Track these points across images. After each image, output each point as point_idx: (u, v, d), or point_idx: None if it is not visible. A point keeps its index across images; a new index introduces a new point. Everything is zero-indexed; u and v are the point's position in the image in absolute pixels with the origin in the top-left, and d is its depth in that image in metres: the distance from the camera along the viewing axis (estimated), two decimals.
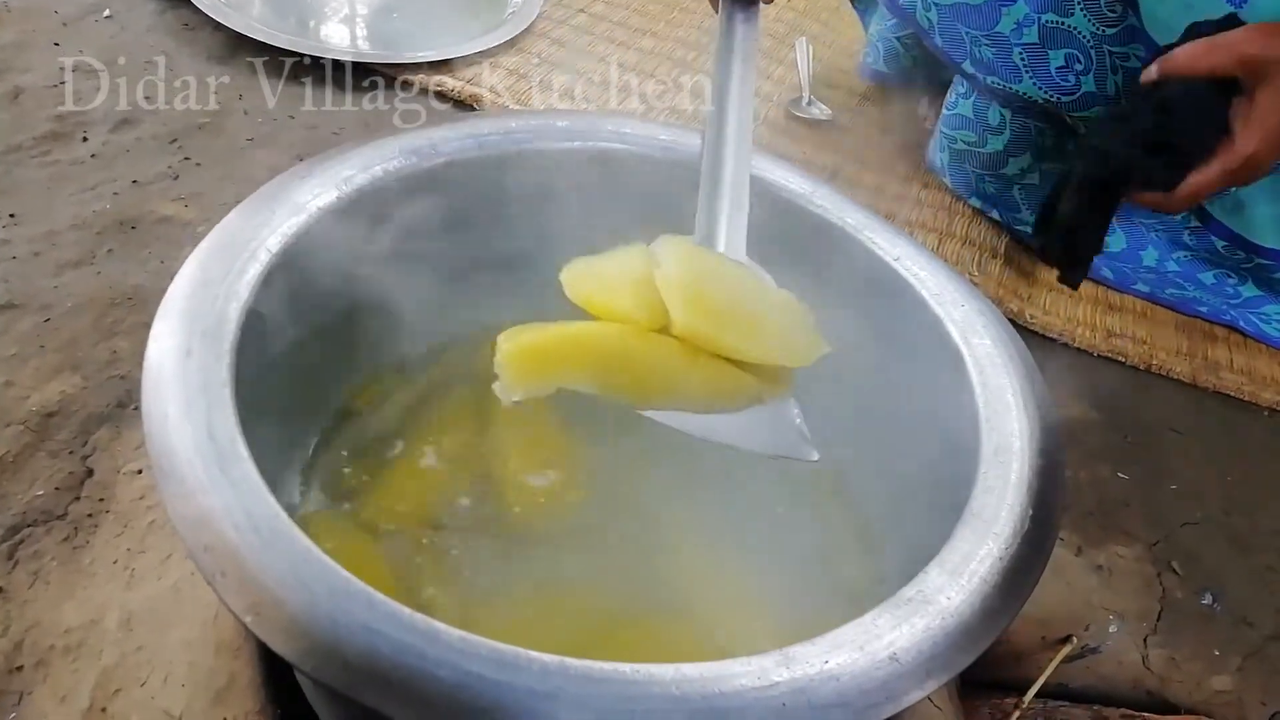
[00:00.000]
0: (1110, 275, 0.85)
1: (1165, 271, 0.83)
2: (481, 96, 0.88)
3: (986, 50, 0.77)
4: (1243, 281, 0.81)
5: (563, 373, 0.38)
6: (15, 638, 0.45)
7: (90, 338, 0.59)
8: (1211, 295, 0.83)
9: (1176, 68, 0.57)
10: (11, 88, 0.77)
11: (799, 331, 0.42)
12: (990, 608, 0.33)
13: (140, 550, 0.50)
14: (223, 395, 0.34)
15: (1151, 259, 0.83)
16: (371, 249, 0.48)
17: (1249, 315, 0.82)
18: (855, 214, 0.51)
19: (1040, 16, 0.73)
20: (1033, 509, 0.36)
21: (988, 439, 0.39)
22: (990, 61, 0.77)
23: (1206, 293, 0.83)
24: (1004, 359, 0.43)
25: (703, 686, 0.28)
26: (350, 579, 0.29)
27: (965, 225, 0.86)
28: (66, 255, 0.65)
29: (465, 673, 0.28)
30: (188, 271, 0.38)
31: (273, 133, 0.80)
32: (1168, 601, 0.60)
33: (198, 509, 0.30)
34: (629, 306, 0.40)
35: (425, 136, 0.49)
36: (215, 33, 0.88)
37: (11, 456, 0.52)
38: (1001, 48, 0.76)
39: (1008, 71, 0.77)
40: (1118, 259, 0.85)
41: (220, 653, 0.45)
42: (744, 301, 0.42)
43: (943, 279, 0.47)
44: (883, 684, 0.29)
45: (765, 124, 0.94)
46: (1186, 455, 0.71)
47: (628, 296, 0.40)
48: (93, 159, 0.73)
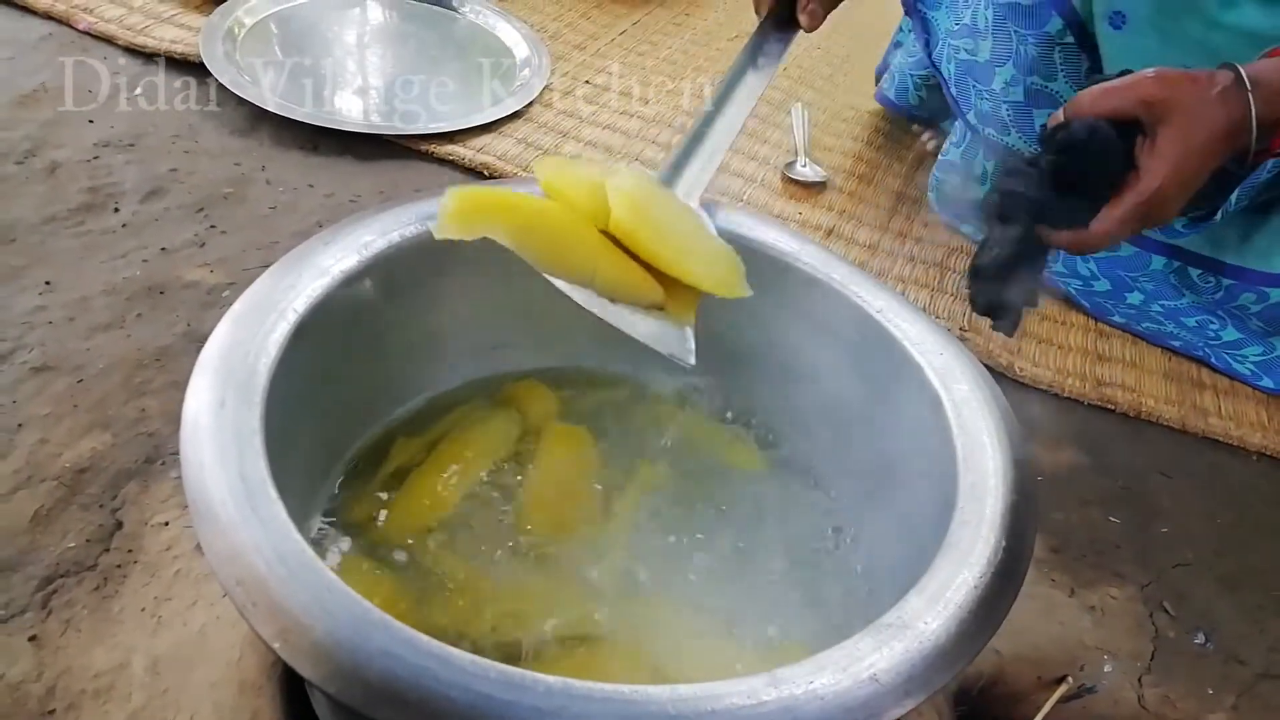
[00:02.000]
0: (1089, 306, 0.89)
1: (1148, 311, 0.87)
2: (491, 164, 0.92)
3: (985, 104, 0.85)
4: (1224, 326, 0.84)
5: (491, 224, 0.42)
6: (48, 682, 0.48)
7: (120, 397, 0.63)
8: (1190, 334, 0.86)
9: (1080, 110, 0.60)
10: (48, 162, 0.81)
11: (721, 266, 0.46)
12: (965, 632, 0.35)
13: (167, 598, 0.52)
14: (254, 443, 0.37)
15: (1136, 300, 0.87)
16: (391, 307, 0.51)
17: (1222, 354, 0.85)
18: (840, 269, 0.54)
19: (1026, 79, 0.81)
20: (1006, 541, 0.38)
21: (964, 476, 0.42)
22: (987, 114, 0.85)
23: (1186, 330, 0.86)
24: (980, 402, 0.46)
25: (696, 705, 0.31)
26: (370, 607, 0.32)
27: (956, 282, 0.89)
28: (98, 319, 0.68)
29: (476, 693, 0.30)
30: (222, 330, 0.41)
31: (293, 201, 0.84)
32: (1160, 641, 0.62)
33: (231, 545, 0.33)
34: (575, 195, 0.45)
35: (439, 203, 0.52)
36: (239, 107, 0.93)
37: (45, 510, 0.55)
38: (995, 103, 0.84)
39: (999, 125, 0.84)
40: (1100, 296, 0.89)
41: (244, 692, 0.47)
42: (677, 225, 0.47)
43: (923, 329, 0.50)
44: (864, 703, 0.32)
45: (762, 186, 0.99)
46: (1176, 499, 0.73)
47: (578, 187, 0.45)
48: (123, 228, 0.77)
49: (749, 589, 0.50)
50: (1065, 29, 0.78)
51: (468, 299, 0.56)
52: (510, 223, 0.42)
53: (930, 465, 0.44)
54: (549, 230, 0.44)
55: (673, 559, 0.51)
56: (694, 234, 0.47)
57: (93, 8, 1.01)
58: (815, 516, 0.54)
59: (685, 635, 0.47)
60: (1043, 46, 0.80)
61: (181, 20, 1.03)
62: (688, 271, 0.45)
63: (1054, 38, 0.79)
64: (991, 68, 0.83)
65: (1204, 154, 0.60)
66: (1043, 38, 0.79)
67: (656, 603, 0.49)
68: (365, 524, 0.51)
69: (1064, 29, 0.78)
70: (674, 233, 0.46)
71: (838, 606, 0.41)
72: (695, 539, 0.53)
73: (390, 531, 0.51)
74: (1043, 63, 0.80)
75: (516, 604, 0.48)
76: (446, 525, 0.52)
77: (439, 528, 0.51)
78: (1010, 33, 0.81)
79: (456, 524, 0.52)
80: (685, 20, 1.32)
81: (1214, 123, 0.60)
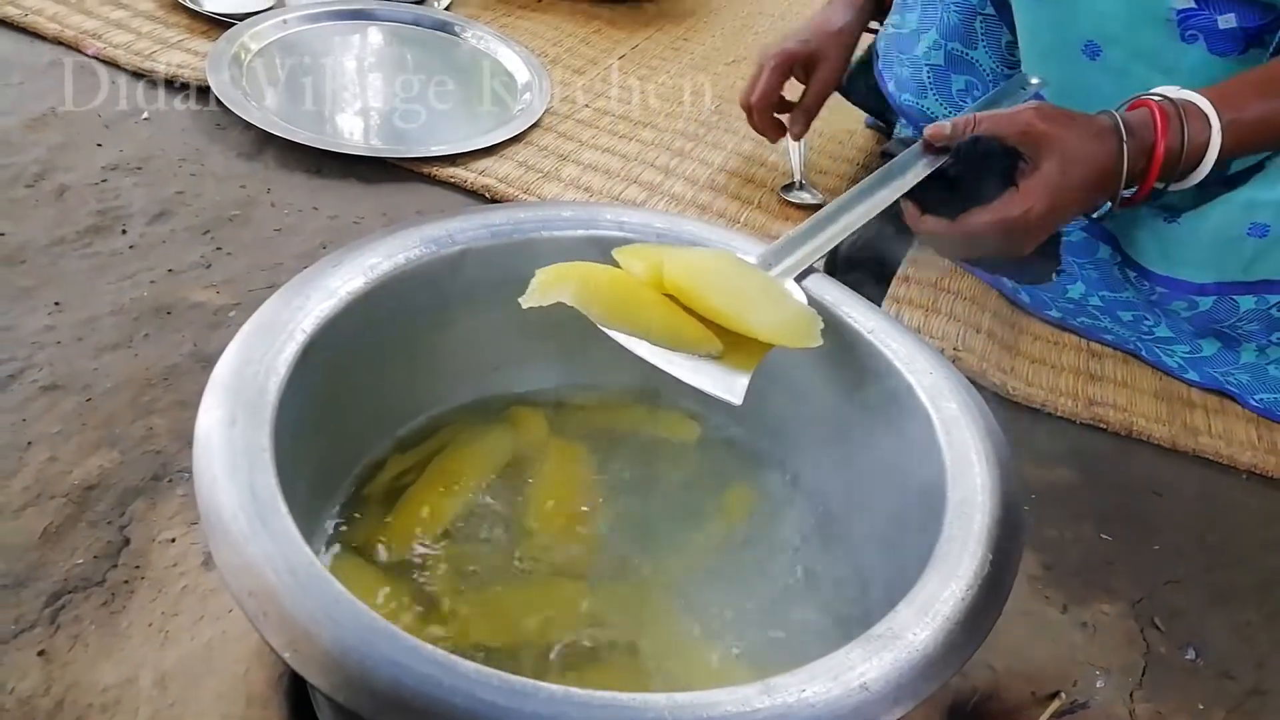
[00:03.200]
0: (1027, 300, 0.91)
1: (1086, 304, 0.88)
2: (492, 187, 0.93)
3: (905, 69, 0.90)
4: (1157, 323, 0.86)
5: (562, 289, 0.47)
6: (56, 697, 0.48)
7: (128, 415, 0.64)
8: (1124, 328, 0.88)
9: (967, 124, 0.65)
10: (57, 185, 0.83)
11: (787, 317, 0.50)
12: (953, 643, 0.36)
13: (174, 613, 0.53)
14: (263, 459, 0.38)
15: (1077, 293, 0.88)
16: (396, 328, 0.52)
17: (1153, 348, 0.88)
18: (833, 291, 0.55)
19: (947, 44, 0.86)
20: (992, 555, 0.40)
21: (953, 492, 0.43)
22: (906, 80, 0.90)
23: (1120, 325, 0.88)
24: (968, 420, 0.47)
25: (693, 712, 0.32)
26: (376, 617, 0.33)
27: (950, 303, 0.91)
28: (106, 339, 0.69)
29: (479, 700, 0.31)
30: (233, 350, 0.43)
31: (298, 223, 0.85)
32: (1152, 657, 0.63)
33: (242, 558, 0.34)
34: (639, 264, 0.51)
35: (443, 227, 0.54)
36: (244, 131, 0.94)
37: (54, 527, 0.56)
38: (915, 67, 0.89)
39: (916, 88, 0.89)
40: (1040, 289, 0.91)
41: (251, 705, 0.48)
42: (739, 284, 0.51)
43: (913, 349, 0.51)
44: (855, 710, 0.33)
45: (759, 209, 1.00)
46: (1167, 516, 0.74)
47: (645, 259, 0.51)
48: (131, 250, 0.78)
49: (743, 599, 0.51)
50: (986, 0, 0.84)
51: (469, 321, 0.57)
52: (575, 286, 0.47)
53: (920, 481, 0.46)
54: (608, 290, 0.49)
55: (667, 571, 0.53)
56: (761, 292, 0.51)
57: (101, 33, 1.03)
58: (806, 530, 0.55)
59: (681, 642, 0.48)
60: (965, 15, 0.85)
61: (188, 45, 1.05)
62: (745, 323, 0.49)
63: (975, 7, 0.84)
64: (917, 35, 0.88)
65: (1079, 190, 0.65)
66: (965, 6, 0.85)
67: (653, 610, 0.50)
68: (367, 539, 0.52)
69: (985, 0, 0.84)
70: (733, 290, 0.50)
71: (831, 618, 0.43)
72: (691, 551, 0.54)
73: (390, 546, 0.52)
74: (964, 30, 0.85)
75: (515, 617, 0.49)
76: (444, 540, 0.53)
77: (437, 543, 0.53)
78: (936, 3, 0.87)
79: (454, 539, 0.53)
80: (684, 45, 1.35)
81: (1092, 163, 0.64)
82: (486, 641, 0.47)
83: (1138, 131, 0.66)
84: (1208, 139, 0.66)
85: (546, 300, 0.46)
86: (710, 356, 0.48)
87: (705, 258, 0.52)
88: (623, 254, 0.52)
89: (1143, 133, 0.66)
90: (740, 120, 1.15)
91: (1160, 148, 0.65)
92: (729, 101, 1.21)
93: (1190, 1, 0.70)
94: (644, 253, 0.52)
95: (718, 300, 0.49)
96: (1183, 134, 0.65)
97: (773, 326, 0.49)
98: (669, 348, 0.48)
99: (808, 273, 0.56)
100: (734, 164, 1.07)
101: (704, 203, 0.99)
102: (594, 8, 1.38)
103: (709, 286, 0.49)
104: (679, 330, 0.48)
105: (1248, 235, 0.74)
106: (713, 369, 0.48)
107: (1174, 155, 0.66)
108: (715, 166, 1.06)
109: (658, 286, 0.50)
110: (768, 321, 0.49)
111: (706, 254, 0.52)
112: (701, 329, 0.49)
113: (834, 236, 0.58)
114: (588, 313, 0.47)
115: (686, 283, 0.49)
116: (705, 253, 0.53)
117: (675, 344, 0.48)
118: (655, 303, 0.49)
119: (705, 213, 0.98)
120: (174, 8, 1.11)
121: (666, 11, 1.43)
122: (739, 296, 0.50)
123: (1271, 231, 0.73)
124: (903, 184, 0.63)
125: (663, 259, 0.50)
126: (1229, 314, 0.80)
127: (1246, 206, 0.73)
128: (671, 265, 0.49)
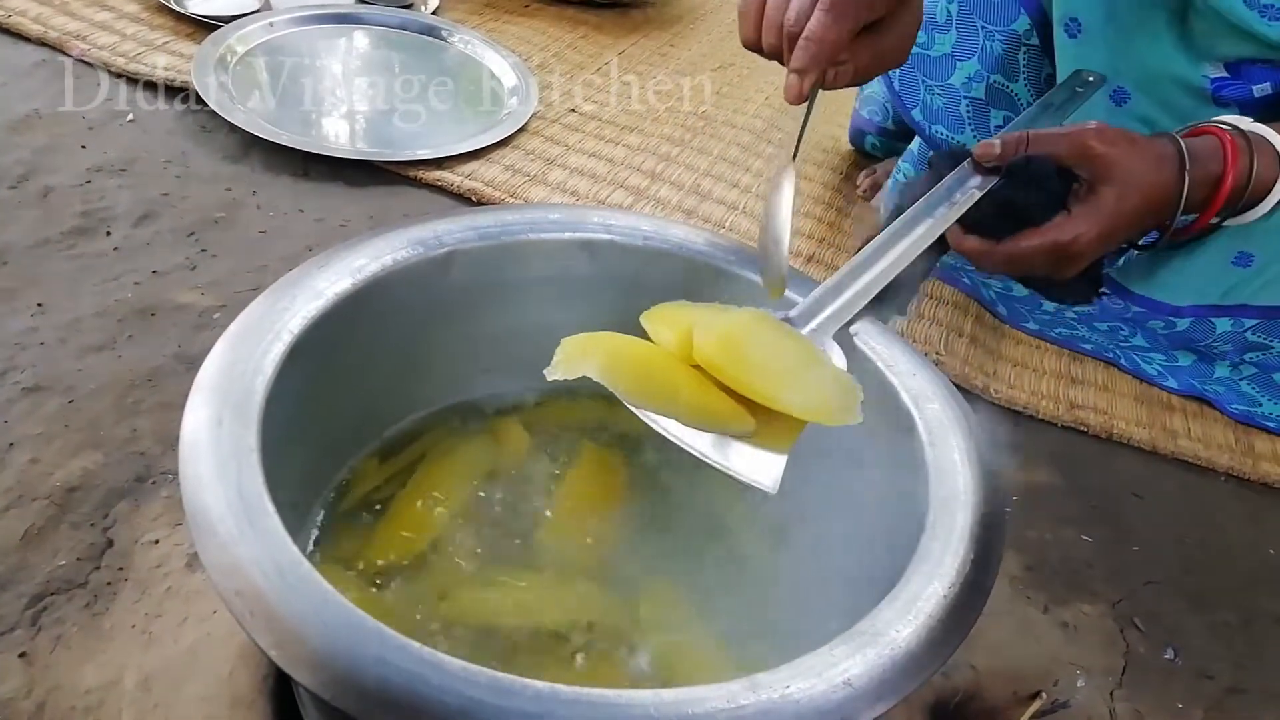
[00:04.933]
0: (1005, 312, 0.91)
1: (1062, 315, 0.89)
2: (479, 190, 0.94)
3: (938, 99, 0.85)
4: (1134, 334, 0.87)
5: (588, 366, 0.44)
6: (38, 699, 0.48)
7: (111, 417, 0.63)
8: (1101, 337, 0.88)
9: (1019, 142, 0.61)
10: (41, 187, 0.83)
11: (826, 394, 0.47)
12: (935, 640, 0.36)
13: (157, 615, 0.53)
14: (250, 459, 0.38)
15: (1052, 305, 0.88)
16: (382, 329, 0.52)
17: (1131, 355, 0.88)
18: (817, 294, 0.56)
19: (990, 76, 0.81)
20: (974, 554, 0.40)
21: (935, 492, 0.43)
22: (939, 111, 0.85)
23: (1098, 334, 0.88)
24: (951, 422, 0.47)
25: (678, 709, 0.32)
26: (364, 616, 0.33)
27: (933, 308, 0.91)
28: (90, 341, 0.69)
29: (467, 698, 0.31)
30: (219, 350, 0.43)
31: (284, 225, 0.85)
32: (1131, 657, 0.63)
33: (230, 558, 0.34)
34: (669, 333, 0.48)
35: (430, 229, 0.54)
36: (230, 133, 0.94)
37: (36, 529, 0.56)
38: (951, 99, 0.84)
39: (952, 121, 0.84)
40: (1016, 302, 0.91)
41: (235, 707, 0.48)
42: (776, 357, 0.48)
43: (896, 352, 0.52)
44: (838, 706, 0.33)
45: (744, 214, 1.01)
46: (1147, 518, 0.75)
47: (675, 327, 0.48)
48: (115, 251, 0.78)
49: (734, 599, 0.51)
50: (1032, 30, 0.78)
51: (456, 325, 0.57)
52: (601, 360, 0.45)
53: (904, 481, 0.46)
54: (635, 366, 0.46)
55: (665, 571, 0.53)
56: (800, 365, 0.48)
57: (86, 35, 1.03)
58: (789, 529, 0.55)
59: (676, 641, 0.49)
60: (1009, 45, 0.80)
61: (174, 48, 1.05)
62: (781, 401, 0.46)
63: (1020, 37, 0.79)
64: (953, 61, 0.83)
65: (1134, 218, 0.61)
66: (1010, 36, 0.79)
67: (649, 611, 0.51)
68: (359, 535, 0.52)
69: (1031, 29, 0.78)
70: (767, 364, 0.47)
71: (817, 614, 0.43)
72: (689, 556, 0.54)
73: (383, 542, 0.52)
74: (1007, 62, 0.80)
75: (507, 618, 0.49)
76: (427, 549, 0.53)
77: (422, 549, 0.52)
78: (977, 28, 0.81)
79: (437, 549, 0.53)
80: (670, 51, 1.35)
81: (1150, 191, 0.61)
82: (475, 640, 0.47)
83: (1202, 160, 0.62)
84: (1276, 176, 0.63)
85: (572, 374, 0.44)
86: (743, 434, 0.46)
87: (737, 324, 0.48)
88: (651, 319, 0.49)
89: (1207, 162, 0.62)
90: (727, 126, 1.17)
91: (1229, 180, 0.62)
92: (715, 107, 1.21)
93: (1223, 70, 0.69)
94: (673, 317, 0.49)
95: (751, 377, 0.46)
96: (1251, 168, 0.62)
97: (809, 406, 0.46)
98: (698, 427, 0.45)
99: (853, 321, 0.52)
100: (720, 169, 1.08)
101: (690, 207, 1.00)
102: (581, 13, 1.38)
103: (742, 362, 0.46)
104: (709, 409, 0.46)
105: (1232, 264, 0.74)
106: (745, 449, 0.45)
107: (1239, 190, 0.63)
108: (701, 171, 1.07)
109: (687, 358, 0.47)
110: (804, 401, 0.46)
111: (739, 318, 0.49)
112: (733, 406, 0.46)
113: (878, 279, 0.53)
114: (614, 390, 0.45)
115: (719, 357, 0.46)
116: (738, 317, 0.49)
117: (705, 423, 0.46)
118: (685, 380, 0.46)
119: (691, 217, 0.98)
120: (159, 10, 1.11)
121: (653, 17, 1.44)
122: (773, 372, 0.47)
123: (1255, 261, 0.74)
124: (949, 215, 0.58)
125: (694, 324, 0.47)
126: (1205, 335, 0.81)
127: (1235, 235, 0.72)
128: (702, 335, 0.47)
